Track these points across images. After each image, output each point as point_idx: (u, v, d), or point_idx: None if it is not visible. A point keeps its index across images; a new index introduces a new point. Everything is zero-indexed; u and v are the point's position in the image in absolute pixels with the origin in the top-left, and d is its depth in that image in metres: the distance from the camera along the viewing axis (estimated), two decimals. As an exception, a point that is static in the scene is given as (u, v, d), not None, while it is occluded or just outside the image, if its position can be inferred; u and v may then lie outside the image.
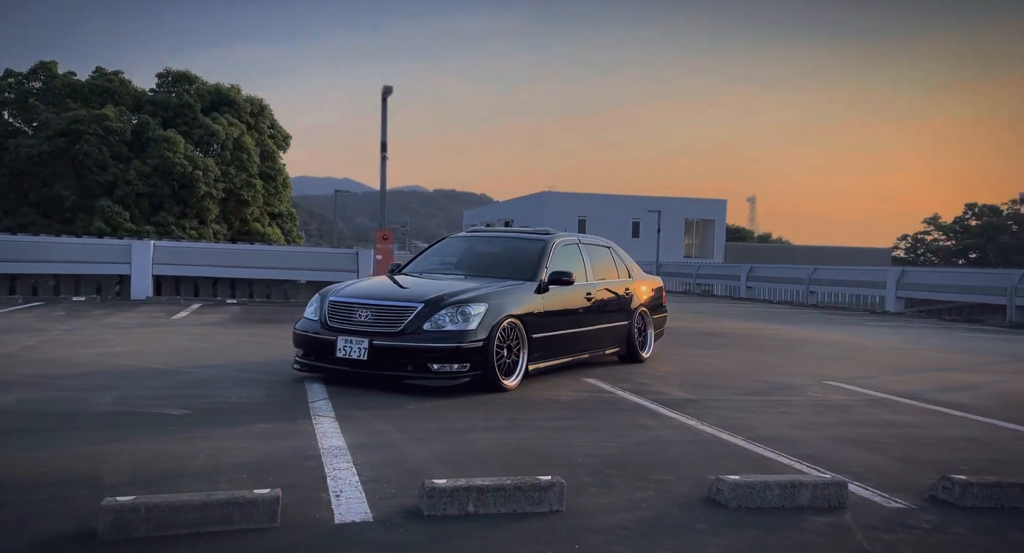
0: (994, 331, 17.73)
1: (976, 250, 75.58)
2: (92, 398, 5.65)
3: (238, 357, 8.08)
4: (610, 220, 47.31)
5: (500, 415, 5.47)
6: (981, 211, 78.96)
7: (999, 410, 6.46)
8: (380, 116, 13.76)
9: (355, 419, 5.17)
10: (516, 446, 4.53)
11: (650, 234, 48.42)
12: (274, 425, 4.94)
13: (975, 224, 77.79)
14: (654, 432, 5.05)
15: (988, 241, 74.78)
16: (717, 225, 47.87)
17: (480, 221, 63.24)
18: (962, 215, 79.21)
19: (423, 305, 6.23)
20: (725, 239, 49.82)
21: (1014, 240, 72.31)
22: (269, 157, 26.91)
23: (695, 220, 48.07)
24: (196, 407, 5.43)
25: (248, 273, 17.39)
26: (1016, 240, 72.52)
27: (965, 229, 78.31)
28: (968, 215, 79.17)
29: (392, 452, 4.33)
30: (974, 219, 78.82)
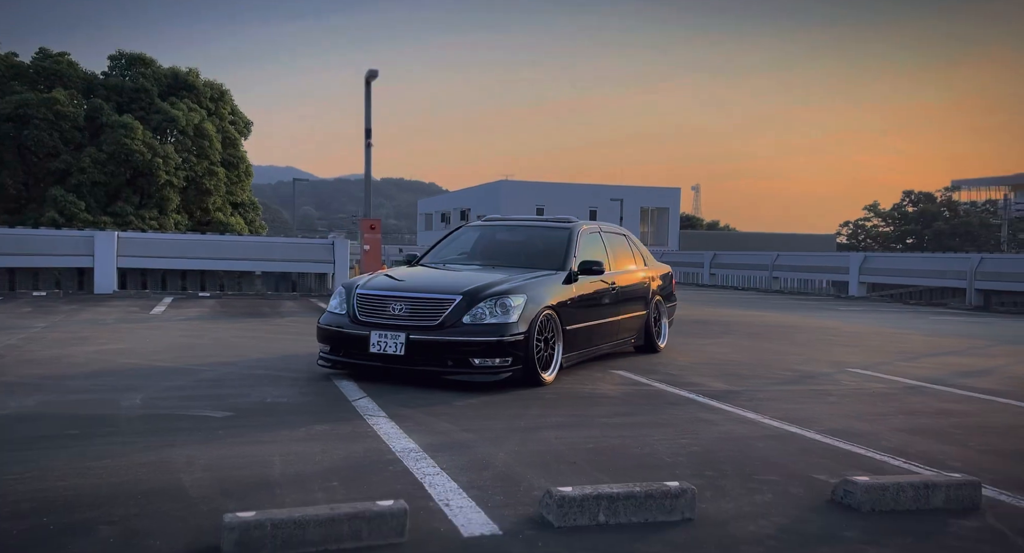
0: (958, 313, 18.22)
1: (913, 236, 78.24)
2: (117, 400, 5.28)
3: (244, 353, 7.71)
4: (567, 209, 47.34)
5: (555, 412, 5.28)
6: (917, 198, 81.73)
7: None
8: (364, 102, 13.33)
9: (410, 418, 4.92)
10: (595, 445, 4.34)
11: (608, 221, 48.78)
12: (330, 426, 4.66)
13: (912, 211, 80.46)
14: (722, 427, 4.92)
15: (924, 227, 77.46)
16: (671, 213, 48.33)
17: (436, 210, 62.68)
18: (900, 202, 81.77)
19: (461, 297, 5.99)
20: (679, 227, 50.36)
21: (948, 226, 75.04)
22: (231, 144, 25.93)
23: (650, 208, 48.45)
24: (234, 408, 5.11)
25: (220, 265, 16.80)
26: (950, 226, 75.27)
27: (903, 216, 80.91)
28: (905, 202, 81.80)
29: (472, 454, 4.10)
30: (911, 206, 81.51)
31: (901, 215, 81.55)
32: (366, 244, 12.70)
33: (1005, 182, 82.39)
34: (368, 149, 13.34)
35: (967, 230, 74.09)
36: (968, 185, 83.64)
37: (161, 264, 16.66)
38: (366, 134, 13.32)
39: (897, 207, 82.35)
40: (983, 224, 72.82)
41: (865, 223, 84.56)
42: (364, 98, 13.35)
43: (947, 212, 77.41)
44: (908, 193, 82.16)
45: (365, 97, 13.35)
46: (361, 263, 12.76)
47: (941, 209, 78.43)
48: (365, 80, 13.35)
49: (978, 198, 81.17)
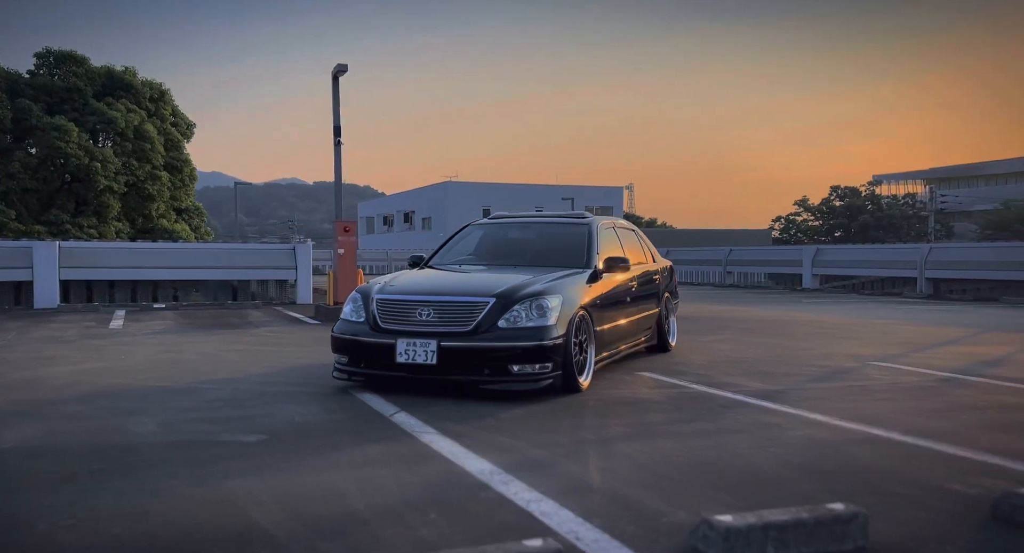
0: (916, 302, 18.60)
1: (840, 229, 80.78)
2: (127, 426, 4.70)
3: (241, 368, 7.13)
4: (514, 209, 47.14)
5: (613, 422, 4.92)
6: (844, 192, 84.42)
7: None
8: (332, 97, 12.72)
9: (465, 434, 4.50)
10: (687, 459, 3.99)
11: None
12: (384, 447, 4.20)
13: (839, 205, 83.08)
14: (798, 431, 4.64)
15: (851, 220, 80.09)
16: (615, 211, 48.58)
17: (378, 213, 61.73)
18: (828, 197, 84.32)
19: (495, 299, 5.57)
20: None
21: (873, 219, 77.83)
22: (174, 146, 24.61)
23: (594, 207, 48.63)
24: (265, 430, 4.60)
25: (174, 274, 15.94)
26: (874, 219, 78.09)
27: (831, 210, 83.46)
28: (833, 197, 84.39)
29: (560, 474, 3.71)
30: (838, 200, 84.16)
31: (829, 209, 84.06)
32: (340, 247, 12.10)
33: (921, 176, 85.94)
34: (337, 147, 12.74)
35: (890, 222, 76.94)
36: (888, 179, 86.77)
37: (109, 275, 15.71)
38: (335, 132, 12.71)
39: (825, 202, 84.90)
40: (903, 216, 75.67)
41: (796, 218, 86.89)
42: (332, 94, 12.74)
43: (870, 205, 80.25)
44: (835, 188, 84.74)
45: (333, 93, 12.75)
46: (335, 268, 12.16)
47: (866, 203, 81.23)
48: (333, 75, 12.74)
49: (898, 192, 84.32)
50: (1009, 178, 78.01)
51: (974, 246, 22.44)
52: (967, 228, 67.00)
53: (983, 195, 74.67)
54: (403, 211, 56.80)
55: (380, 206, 61.90)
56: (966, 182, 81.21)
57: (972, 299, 19.88)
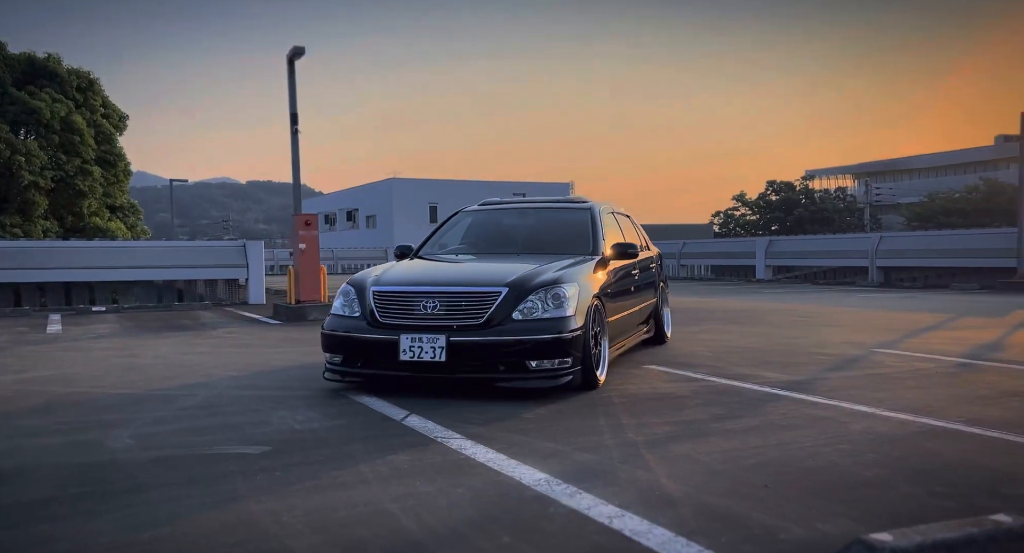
0: (872, 290, 18.80)
1: (776, 223, 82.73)
2: (102, 441, 4.06)
3: (204, 372, 6.48)
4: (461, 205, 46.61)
5: (651, 420, 4.49)
6: (779, 187, 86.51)
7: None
8: (287, 83, 11.97)
9: (496, 438, 4.01)
10: (757, 461, 3.56)
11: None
12: (411, 456, 3.68)
13: (775, 199, 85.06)
14: (857, 425, 4.27)
15: (787, 214, 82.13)
16: (565, 207, 48.51)
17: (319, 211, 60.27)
18: (764, 191, 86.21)
19: (507, 289, 5.08)
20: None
21: (807, 212, 80.00)
22: (106, 139, 23.08)
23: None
24: (265, 440, 4.02)
25: (114, 275, 14.92)
26: (808, 212, 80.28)
27: (768, 204, 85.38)
28: (769, 191, 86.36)
29: (626, 482, 3.25)
30: (774, 195, 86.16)
31: (766, 204, 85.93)
32: (302, 242, 11.38)
33: (850, 171, 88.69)
34: (295, 136, 12.00)
35: (823, 215, 79.15)
36: (821, 174, 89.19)
37: (40, 276, 14.61)
38: (292, 120, 11.96)
39: (762, 196, 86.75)
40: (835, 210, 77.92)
41: (734, 213, 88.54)
42: (287, 79, 11.99)
43: (804, 199, 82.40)
44: (771, 183, 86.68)
45: (288, 78, 12.00)
46: (296, 265, 11.45)
47: (800, 197, 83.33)
48: (288, 59, 11.98)
49: (830, 186, 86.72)
50: (930, 172, 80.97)
51: (923, 235, 22.91)
52: (894, 220, 69.20)
53: (907, 189, 77.32)
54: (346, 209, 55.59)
55: (321, 204, 60.44)
56: (891, 176, 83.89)
57: (923, 286, 20.24)
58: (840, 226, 68.12)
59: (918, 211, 61.61)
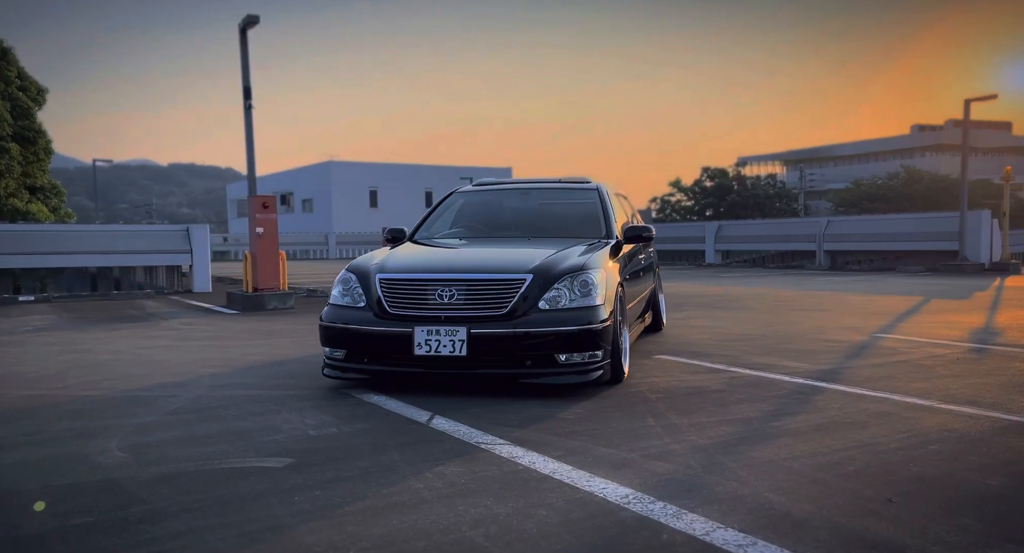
0: (823, 273, 19.03)
1: (711, 208, 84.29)
2: (86, 454, 3.47)
3: (178, 370, 5.86)
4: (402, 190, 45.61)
5: (704, 418, 4.12)
6: (713, 173, 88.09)
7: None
8: (240, 54, 11.14)
9: (548, 444, 3.58)
10: (850, 467, 3.18)
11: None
12: (461, 467, 3.22)
13: (709, 185, 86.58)
14: (927, 421, 3.97)
15: (721, 200, 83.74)
16: (507, 191, 48.01)
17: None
18: (699, 178, 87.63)
19: (532, 276, 4.64)
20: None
21: (740, 198, 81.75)
22: (23, 114, 21.31)
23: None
24: (280, 450, 3.50)
25: (42, 262, 13.84)
26: (741, 198, 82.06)
27: (703, 190, 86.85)
28: (704, 177, 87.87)
29: (730, 498, 2.85)
30: (708, 180, 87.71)
31: (701, 190, 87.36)
32: (259, 226, 10.64)
33: (779, 158, 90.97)
34: (248, 111, 11.18)
35: (756, 201, 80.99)
36: (752, 161, 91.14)
37: (-38, 263, 13.40)
38: (245, 94, 11.15)
39: (697, 182, 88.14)
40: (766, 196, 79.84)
41: (671, 198, 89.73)
42: (240, 50, 11.16)
43: (736, 185, 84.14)
44: (706, 169, 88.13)
45: (241, 49, 11.17)
46: (253, 250, 10.72)
47: (732, 183, 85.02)
48: (240, 29, 11.15)
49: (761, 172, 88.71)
50: (853, 160, 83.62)
51: (868, 219, 23.34)
52: (822, 206, 71.21)
53: (832, 175, 79.65)
54: (280, 193, 53.90)
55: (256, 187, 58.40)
56: (817, 163, 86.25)
57: (870, 269, 20.61)
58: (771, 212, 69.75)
59: (844, 197, 63.47)
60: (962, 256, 19.27)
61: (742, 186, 79.82)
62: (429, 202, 46.02)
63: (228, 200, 63.28)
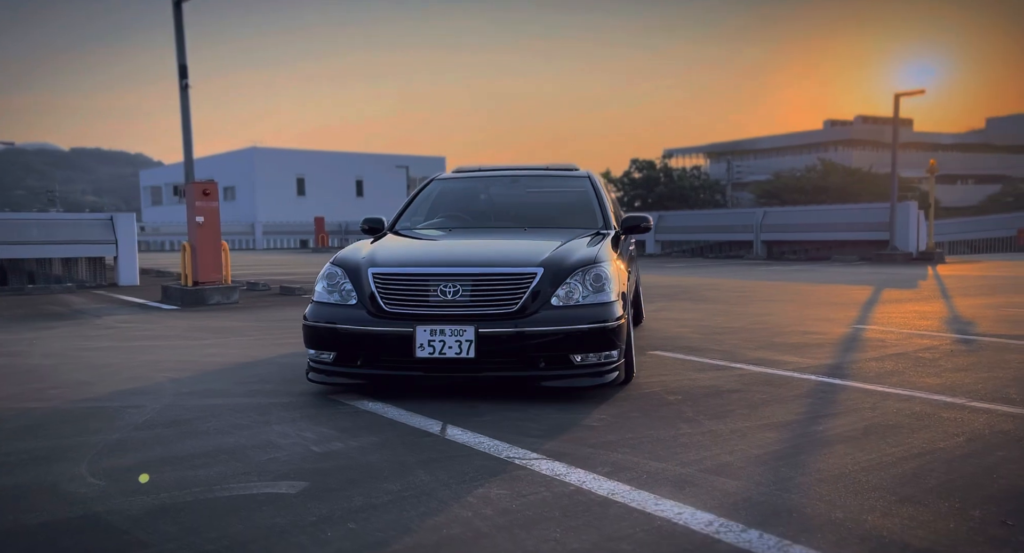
0: (763, 263, 19.30)
1: (639, 200, 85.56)
2: (54, 482, 2.94)
3: (131, 375, 5.28)
4: (332, 178, 44.34)
5: (739, 424, 3.84)
6: (642, 165, 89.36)
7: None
8: (174, 30, 10.32)
9: (589, 459, 3.22)
10: (930, 483, 2.89)
11: (375, 193, 46.44)
12: (506, 489, 2.83)
13: (638, 176, 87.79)
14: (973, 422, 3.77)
15: (649, 192, 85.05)
16: (438, 180, 47.25)
17: (166, 182, 55.91)
18: (628, 169, 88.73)
19: (542, 270, 4.28)
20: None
21: (667, 189, 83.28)
22: None
23: (418, 177, 47.06)
24: (286, 472, 3.05)
25: (-49, 252, 12.63)
26: (668, 189, 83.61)
27: (632, 181, 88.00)
28: (633, 169, 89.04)
29: (824, 524, 2.54)
30: (637, 172, 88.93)
31: (630, 181, 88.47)
32: (199, 215, 9.89)
33: (702, 150, 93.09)
34: (184, 91, 10.40)
35: (681, 193, 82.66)
36: (678, 153, 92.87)
37: None
38: (180, 73, 10.36)
39: (627, 173, 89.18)
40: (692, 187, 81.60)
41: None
42: (174, 26, 10.35)
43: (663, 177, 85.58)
44: (634, 161, 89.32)
45: (175, 25, 10.35)
46: (193, 240, 9.99)
47: (659, 175, 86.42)
48: (174, 2, 10.34)
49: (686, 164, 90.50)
50: (771, 153, 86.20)
51: (804, 210, 23.83)
52: (745, 197, 73.15)
53: (752, 167, 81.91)
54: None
55: (168, 174, 55.83)
56: (739, 156, 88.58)
57: (807, 259, 21.03)
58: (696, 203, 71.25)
59: (766, 188, 65.31)
60: (892, 246, 19.85)
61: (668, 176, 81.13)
62: (360, 191, 45.03)
63: (141, 187, 60.44)
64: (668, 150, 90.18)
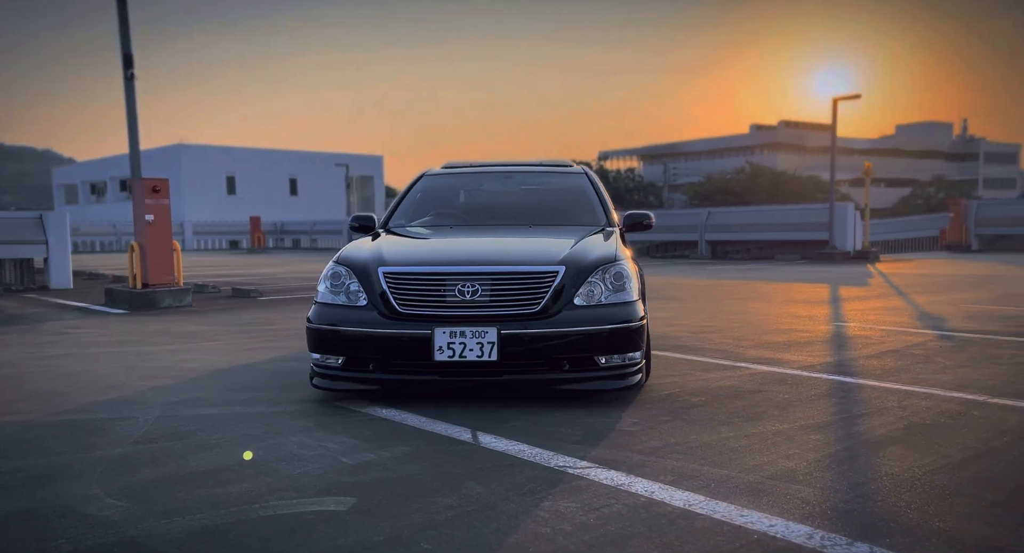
0: (710, 262, 19.57)
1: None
2: (68, 504, 2.63)
3: (115, 384, 4.91)
4: (264, 177, 43.12)
5: (775, 425, 3.74)
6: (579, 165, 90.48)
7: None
8: (117, 18, 9.72)
9: (644, 466, 3.06)
10: (969, 475, 2.88)
11: (310, 191, 45.41)
12: (575, 502, 2.65)
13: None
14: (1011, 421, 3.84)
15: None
16: (376, 181, 46.41)
17: (82, 180, 53.48)
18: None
19: (564, 268, 4.11)
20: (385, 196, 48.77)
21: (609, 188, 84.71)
22: None
23: (355, 176, 46.21)
24: (328, 488, 2.80)
25: None
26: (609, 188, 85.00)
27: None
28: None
29: (911, 531, 2.43)
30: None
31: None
32: (149, 213, 9.34)
33: (636, 153, 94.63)
34: (130, 82, 9.82)
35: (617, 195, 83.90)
36: (613, 155, 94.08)
37: None
38: (125, 62, 9.76)
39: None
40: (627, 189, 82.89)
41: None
42: (117, 14, 9.76)
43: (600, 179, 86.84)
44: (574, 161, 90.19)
45: (118, 13, 9.77)
46: (142, 240, 9.44)
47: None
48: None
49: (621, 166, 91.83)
50: (702, 156, 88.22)
51: (747, 210, 24.29)
52: (679, 199, 74.58)
53: (684, 170, 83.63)
54: (119, 177, 49.73)
55: (85, 172, 53.37)
56: (671, 158, 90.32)
57: (751, 258, 21.45)
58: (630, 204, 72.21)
59: (698, 190, 66.76)
60: (831, 245, 20.41)
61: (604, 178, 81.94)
62: (294, 189, 43.95)
63: (55, 185, 57.62)
64: (604, 152, 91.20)
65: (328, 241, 35.92)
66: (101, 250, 34.63)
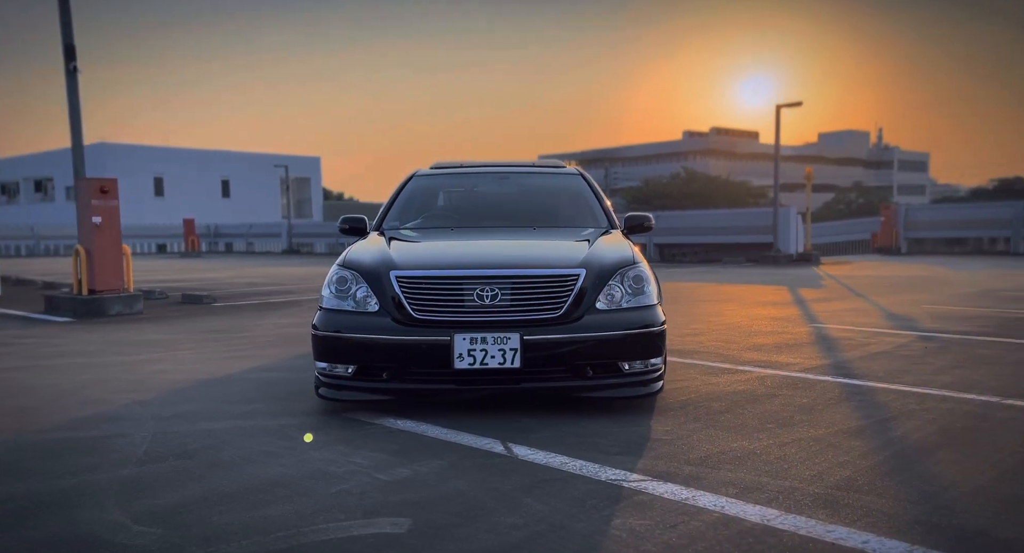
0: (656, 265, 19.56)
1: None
2: (93, 531, 2.34)
3: (89, 398, 4.56)
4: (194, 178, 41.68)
5: (809, 431, 3.65)
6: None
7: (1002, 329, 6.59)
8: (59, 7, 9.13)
9: (695, 477, 2.93)
10: None
11: (243, 193, 44.13)
12: (644, 519, 2.49)
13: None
14: None
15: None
16: (314, 182, 45.38)
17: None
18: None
19: (584, 271, 3.96)
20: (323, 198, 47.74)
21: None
22: None
23: (292, 178, 45.12)
24: (375, 509, 2.58)
25: None
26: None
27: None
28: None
29: (1014, 549, 2.45)
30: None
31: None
32: (96, 215, 8.80)
33: (575, 157, 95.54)
34: (72, 75, 9.24)
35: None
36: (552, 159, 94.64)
37: None
38: (66, 54, 9.17)
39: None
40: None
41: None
42: (59, 3, 9.18)
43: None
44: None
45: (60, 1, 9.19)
46: (88, 244, 8.89)
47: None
48: (64, -22, 9.17)
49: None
50: (638, 161, 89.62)
51: (694, 214, 24.63)
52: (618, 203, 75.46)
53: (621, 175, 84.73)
54: (34, 178, 47.38)
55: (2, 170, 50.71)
56: (608, 163, 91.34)
57: (700, 261, 21.74)
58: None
59: (636, 194, 67.73)
60: (776, 248, 20.86)
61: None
62: (226, 191, 42.63)
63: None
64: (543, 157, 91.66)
65: (265, 244, 34.94)
66: (19, 255, 32.91)
